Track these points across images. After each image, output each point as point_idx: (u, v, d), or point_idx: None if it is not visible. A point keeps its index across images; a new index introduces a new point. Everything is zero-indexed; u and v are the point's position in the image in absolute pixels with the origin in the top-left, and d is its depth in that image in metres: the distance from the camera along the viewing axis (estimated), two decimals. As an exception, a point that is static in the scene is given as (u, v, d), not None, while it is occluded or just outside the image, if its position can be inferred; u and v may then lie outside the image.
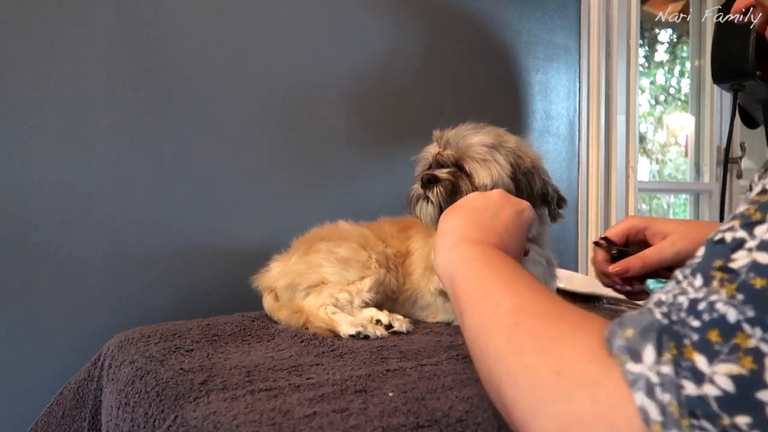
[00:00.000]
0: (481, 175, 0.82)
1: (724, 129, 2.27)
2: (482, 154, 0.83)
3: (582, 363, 0.35)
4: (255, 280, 0.99)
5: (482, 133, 0.85)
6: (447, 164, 0.86)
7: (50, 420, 0.90)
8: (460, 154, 0.84)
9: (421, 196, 0.85)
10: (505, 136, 0.87)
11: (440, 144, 0.87)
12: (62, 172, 1.02)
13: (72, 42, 1.02)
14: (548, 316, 0.41)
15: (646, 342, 0.33)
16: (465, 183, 0.83)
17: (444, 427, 0.51)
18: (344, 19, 1.33)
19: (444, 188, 0.83)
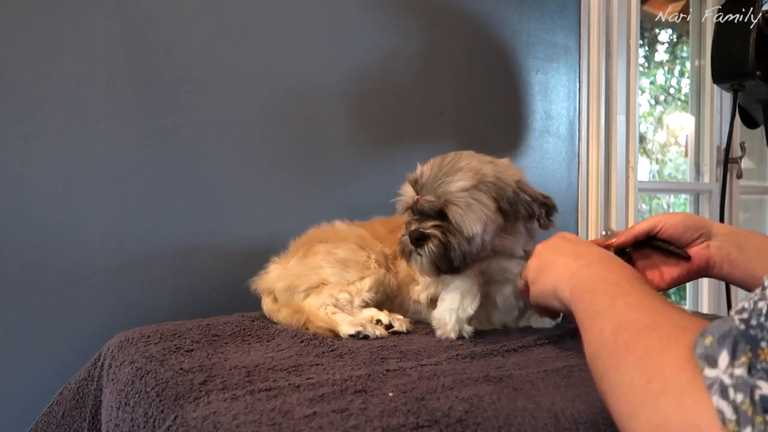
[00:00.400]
0: (469, 224, 0.80)
1: (724, 129, 2.27)
2: (464, 198, 0.80)
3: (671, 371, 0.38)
4: (253, 283, 0.99)
5: (460, 175, 0.81)
6: (429, 213, 0.82)
7: (50, 420, 0.90)
8: (442, 202, 0.81)
9: (413, 251, 0.83)
10: (483, 169, 0.82)
11: (416, 189, 0.84)
12: (62, 172, 1.02)
13: (72, 42, 1.02)
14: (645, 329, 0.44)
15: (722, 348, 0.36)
16: (454, 236, 0.80)
17: (444, 427, 0.51)
18: (344, 19, 1.33)
19: (434, 246, 0.80)
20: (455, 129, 1.52)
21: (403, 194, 0.87)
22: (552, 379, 0.63)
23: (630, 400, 0.40)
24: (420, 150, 1.46)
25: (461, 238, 0.80)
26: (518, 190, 0.83)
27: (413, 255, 0.83)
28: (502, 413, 0.54)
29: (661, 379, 0.39)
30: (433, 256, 0.81)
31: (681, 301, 2.73)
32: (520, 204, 0.83)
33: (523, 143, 1.67)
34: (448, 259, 0.80)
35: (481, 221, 0.80)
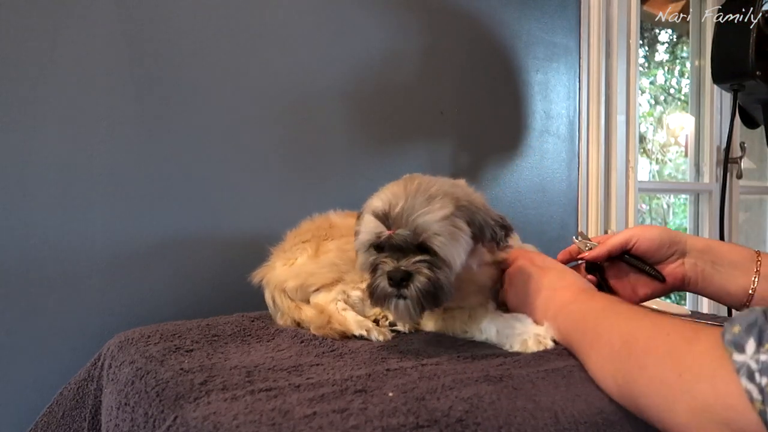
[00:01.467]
0: (456, 254, 0.73)
1: (724, 129, 2.27)
2: (447, 228, 0.72)
3: (698, 362, 0.43)
4: (256, 275, 0.97)
5: (438, 203, 0.73)
6: (407, 248, 0.73)
7: (50, 420, 0.90)
8: (423, 236, 0.72)
9: (392, 294, 0.73)
10: (455, 192, 0.76)
11: (386, 223, 0.73)
12: (62, 171, 1.02)
13: (72, 42, 1.02)
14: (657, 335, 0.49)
15: (749, 335, 0.40)
16: (442, 271, 0.72)
17: (444, 427, 0.51)
18: (344, 19, 1.33)
19: (422, 285, 0.71)
20: (455, 129, 1.52)
21: (366, 230, 0.76)
22: (552, 379, 0.63)
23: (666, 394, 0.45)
24: (420, 150, 1.46)
25: (449, 271, 0.73)
26: (486, 214, 0.78)
27: (390, 300, 0.73)
28: (502, 413, 0.54)
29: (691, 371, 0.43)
30: (421, 296, 0.72)
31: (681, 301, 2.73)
32: (486, 228, 0.77)
33: (523, 143, 1.67)
34: (435, 297, 0.72)
35: (464, 249, 0.74)
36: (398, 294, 0.73)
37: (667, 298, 3.13)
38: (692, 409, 0.43)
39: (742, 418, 0.39)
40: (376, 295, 0.75)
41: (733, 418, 0.40)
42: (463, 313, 0.85)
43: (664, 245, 0.81)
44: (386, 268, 0.73)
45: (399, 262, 0.73)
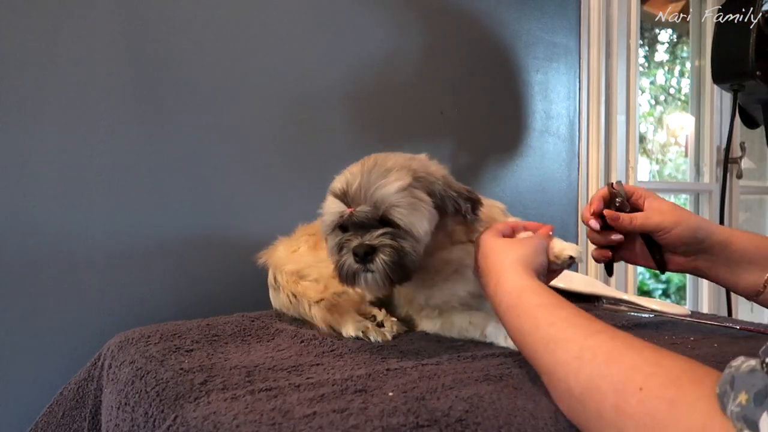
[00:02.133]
0: (418, 223, 0.73)
1: (724, 129, 2.27)
2: (406, 198, 0.73)
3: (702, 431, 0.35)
4: (260, 256, 0.99)
5: (394, 175, 0.74)
6: (370, 223, 0.74)
7: (50, 420, 0.90)
8: (383, 209, 0.73)
9: (359, 270, 0.74)
10: (412, 165, 0.77)
11: (346, 201, 0.75)
12: (62, 171, 1.02)
13: (72, 42, 1.02)
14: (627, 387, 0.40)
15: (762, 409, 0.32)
16: (407, 241, 0.73)
17: (444, 427, 0.51)
18: (344, 19, 1.33)
19: (389, 256, 0.72)
20: (455, 129, 1.52)
21: (328, 211, 0.77)
22: (552, 379, 0.63)
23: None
24: (420, 150, 1.45)
25: (413, 241, 0.74)
26: (446, 186, 0.78)
27: (359, 275, 0.74)
28: (502, 413, 0.54)
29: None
30: (388, 269, 0.72)
31: (681, 301, 2.73)
32: (447, 199, 0.77)
33: (523, 143, 1.67)
34: (403, 266, 0.73)
35: (428, 219, 0.75)
36: (365, 269, 0.73)
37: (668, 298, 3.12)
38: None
39: None
40: (344, 273, 0.75)
41: None
42: (462, 318, 0.85)
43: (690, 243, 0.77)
44: (351, 245, 0.74)
45: (363, 238, 0.73)
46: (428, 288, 0.84)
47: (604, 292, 1.21)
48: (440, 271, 0.83)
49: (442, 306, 0.85)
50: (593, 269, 1.81)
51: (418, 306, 0.88)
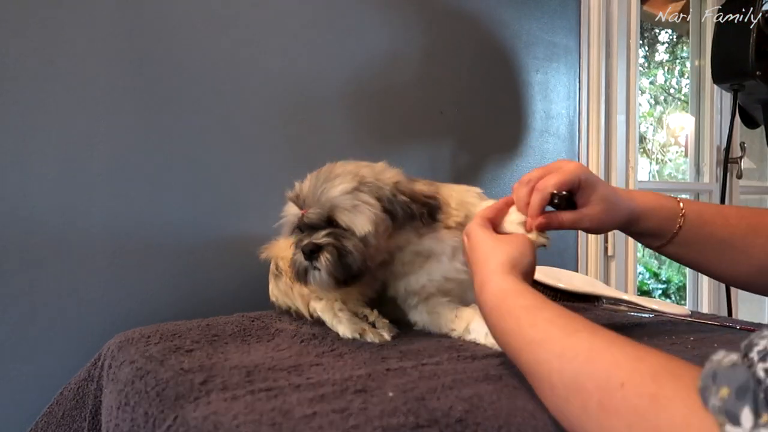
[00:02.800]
0: (360, 224, 0.78)
1: (724, 129, 2.27)
2: (350, 202, 0.78)
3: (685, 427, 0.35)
4: (262, 250, 1.00)
5: (339, 180, 0.80)
6: (318, 225, 0.80)
7: (50, 420, 0.90)
8: (328, 210, 0.79)
9: (308, 267, 0.79)
10: (361, 170, 0.82)
11: (299, 204, 0.82)
12: (62, 171, 1.02)
13: (72, 41, 1.02)
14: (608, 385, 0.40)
15: (743, 403, 0.33)
16: (349, 240, 0.78)
17: (444, 427, 0.51)
18: (344, 19, 1.33)
19: (330, 255, 0.78)
20: (455, 129, 1.52)
21: (287, 214, 0.84)
22: (552, 379, 0.63)
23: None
24: (420, 150, 1.46)
25: (356, 240, 0.78)
26: (395, 191, 0.81)
27: (309, 272, 0.80)
28: (502, 413, 0.54)
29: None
30: (330, 266, 0.77)
31: (681, 301, 2.74)
32: (396, 204, 0.81)
33: (523, 143, 1.67)
34: (345, 265, 0.78)
35: (371, 221, 0.78)
36: (312, 266, 0.79)
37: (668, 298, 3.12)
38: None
39: None
40: (296, 271, 0.81)
41: None
42: (450, 310, 0.86)
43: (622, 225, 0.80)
44: (300, 244, 0.80)
45: (311, 237, 0.79)
46: (404, 277, 0.86)
47: (604, 292, 1.21)
48: (412, 263, 0.86)
49: (421, 292, 0.86)
50: (593, 269, 1.81)
51: (402, 296, 0.88)
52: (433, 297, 0.87)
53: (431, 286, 0.86)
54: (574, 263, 1.80)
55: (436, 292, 0.86)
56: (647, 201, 0.80)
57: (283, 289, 0.96)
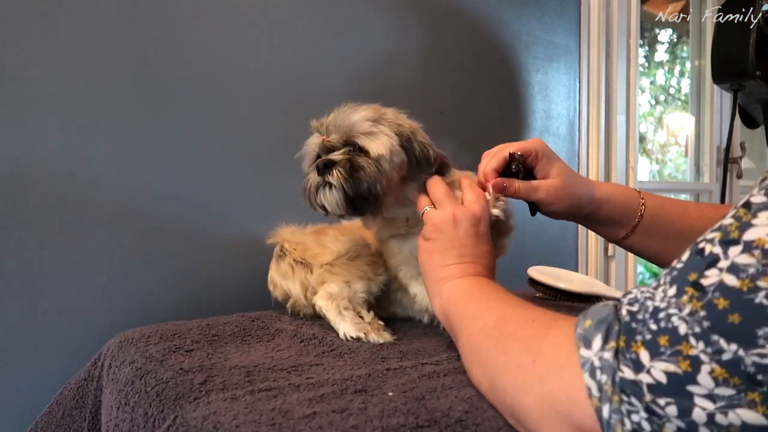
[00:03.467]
0: (375, 146, 0.80)
1: (724, 129, 2.27)
2: (368, 127, 0.81)
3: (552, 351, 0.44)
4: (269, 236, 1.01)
5: (361, 110, 0.83)
6: (337, 148, 0.82)
7: (50, 420, 0.90)
8: (347, 135, 0.82)
9: (320, 184, 0.81)
10: (383, 109, 0.86)
11: (322, 132, 0.85)
12: (62, 171, 1.02)
13: (72, 40, 1.02)
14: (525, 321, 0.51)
15: (598, 331, 0.41)
16: (363, 158, 0.80)
17: (444, 428, 0.51)
18: (344, 19, 1.33)
19: (343, 167, 0.79)
20: (455, 129, 1.52)
21: (308, 143, 0.87)
22: (552, 379, 0.63)
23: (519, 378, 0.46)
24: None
25: (369, 159, 0.80)
26: (414, 131, 0.85)
27: (320, 190, 0.81)
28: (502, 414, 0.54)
29: (544, 360, 0.44)
30: (342, 179, 0.78)
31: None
32: (415, 143, 0.83)
33: (523, 143, 1.66)
34: (357, 180, 0.78)
35: (386, 146, 0.80)
36: (324, 182, 0.80)
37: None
38: (539, 396, 0.43)
39: (581, 412, 0.39)
40: (307, 191, 0.83)
41: (573, 411, 0.40)
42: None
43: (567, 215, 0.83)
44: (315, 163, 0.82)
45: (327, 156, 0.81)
46: (408, 239, 0.87)
47: (604, 292, 1.21)
48: (413, 219, 0.87)
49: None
50: (593, 269, 1.81)
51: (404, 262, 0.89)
52: None
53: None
54: (574, 263, 1.80)
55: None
56: (608, 188, 0.85)
57: (283, 271, 0.97)
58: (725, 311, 0.35)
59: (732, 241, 0.37)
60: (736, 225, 0.37)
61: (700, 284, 0.37)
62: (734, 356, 0.34)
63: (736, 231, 0.37)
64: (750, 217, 0.37)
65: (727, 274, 0.36)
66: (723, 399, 0.35)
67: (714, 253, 0.37)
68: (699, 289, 0.37)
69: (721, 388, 0.35)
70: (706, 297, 0.36)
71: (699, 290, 0.37)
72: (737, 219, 0.38)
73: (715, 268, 0.37)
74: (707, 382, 0.35)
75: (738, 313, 0.35)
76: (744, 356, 0.34)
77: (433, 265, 0.72)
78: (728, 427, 0.35)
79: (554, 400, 0.42)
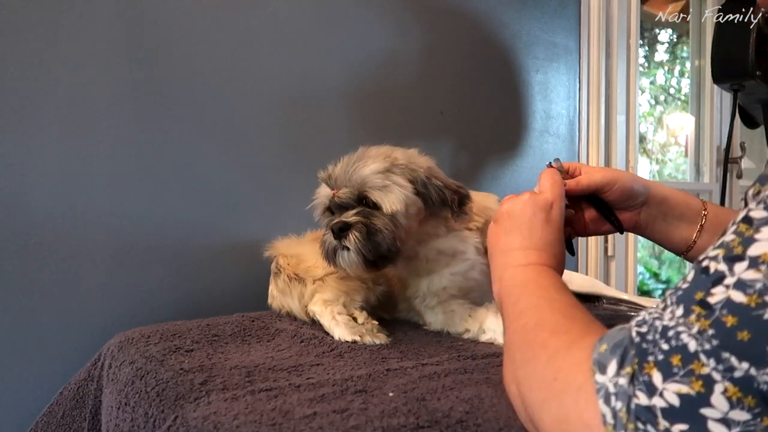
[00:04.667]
0: (389, 202, 0.78)
1: (724, 129, 2.27)
2: (380, 182, 0.79)
3: (572, 372, 0.43)
4: (267, 248, 1.00)
5: (371, 161, 0.80)
6: (349, 204, 0.80)
7: (50, 420, 0.90)
8: (359, 189, 0.80)
9: (337, 247, 0.79)
10: (393, 153, 0.83)
11: (331, 185, 0.82)
12: (62, 171, 1.02)
13: (72, 42, 1.02)
14: (558, 330, 0.49)
15: (613, 356, 0.40)
16: (378, 218, 0.78)
17: (444, 428, 0.51)
18: (344, 19, 1.33)
19: (359, 232, 0.77)
20: (455, 129, 1.52)
21: (318, 195, 0.85)
22: (552, 380, 0.63)
23: (541, 392, 0.45)
24: (420, 150, 1.45)
25: (385, 219, 0.78)
26: (429, 175, 0.82)
27: (338, 252, 0.80)
28: (502, 414, 0.54)
29: (564, 378, 0.43)
30: (360, 245, 0.77)
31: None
32: (431, 187, 0.81)
33: (523, 143, 1.67)
34: (374, 243, 0.77)
35: (401, 201, 0.78)
36: (341, 245, 0.79)
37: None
38: (557, 418, 0.42)
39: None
40: (325, 252, 0.81)
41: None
42: (464, 309, 0.86)
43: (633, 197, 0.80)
44: (330, 224, 0.80)
45: (341, 216, 0.80)
46: (427, 275, 0.87)
47: (604, 292, 1.21)
48: (436, 261, 0.86)
49: (442, 293, 0.87)
50: (593, 269, 1.81)
51: (422, 296, 0.88)
52: (452, 299, 0.87)
53: (453, 287, 0.86)
54: (574, 263, 1.80)
55: (457, 293, 0.87)
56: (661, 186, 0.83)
57: (281, 288, 0.96)
58: (734, 328, 0.34)
59: (737, 257, 0.36)
60: (739, 240, 0.37)
61: (707, 302, 0.36)
62: (746, 374, 0.34)
63: (739, 247, 0.36)
64: (753, 232, 0.36)
65: (734, 291, 0.35)
66: (738, 425, 0.34)
67: (719, 270, 0.37)
68: (706, 307, 0.36)
69: (735, 411, 0.34)
70: (713, 315, 0.35)
71: (706, 308, 0.36)
72: (739, 235, 0.37)
73: (722, 285, 0.36)
74: (721, 403, 0.34)
75: (747, 330, 0.34)
76: (756, 375, 0.33)
77: (497, 249, 0.69)
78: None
79: (570, 424, 0.41)
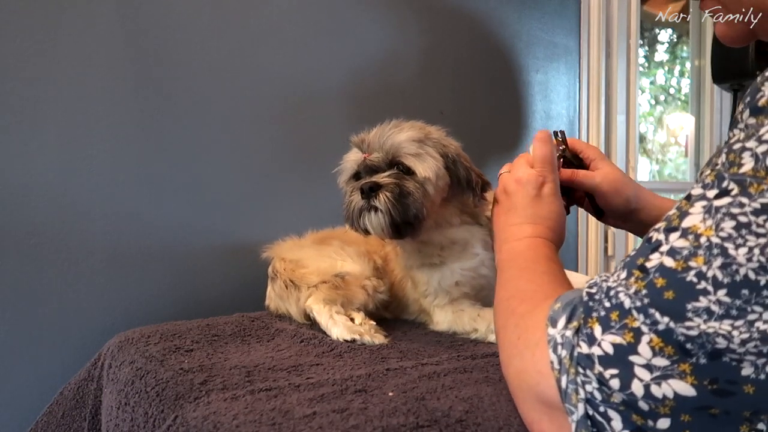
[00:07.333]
0: (422, 169, 0.79)
1: (724, 129, 2.27)
2: (415, 149, 0.79)
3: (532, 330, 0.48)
4: (265, 250, 1.00)
5: (407, 129, 0.81)
6: (380, 168, 0.80)
7: (50, 420, 0.90)
8: (392, 155, 0.79)
9: (364, 207, 0.78)
10: (427, 128, 0.84)
11: (363, 149, 0.82)
12: (62, 172, 1.02)
13: (72, 42, 1.02)
14: (527, 296, 0.54)
15: (564, 313, 0.45)
16: (410, 182, 0.78)
17: (444, 428, 0.51)
18: (344, 19, 1.33)
19: (391, 192, 0.77)
20: (455, 129, 1.51)
21: (347, 159, 0.84)
22: (552, 379, 0.63)
23: (508, 352, 0.50)
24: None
25: (417, 183, 0.78)
26: (459, 154, 0.84)
27: (364, 214, 0.79)
28: (502, 414, 0.54)
29: (525, 337, 0.48)
30: (390, 206, 0.76)
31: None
32: (459, 165, 0.82)
33: (523, 143, 1.66)
34: (405, 206, 0.77)
35: (433, 170, 0.79)
36: (369, 206, 0.78)
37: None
38: (517, 370, 0.48)
39: (546, 384, 0.44)
40: (350, 212, 0.80)
41: (540, 383, 0.44)
42: (473, 309, 0.86)
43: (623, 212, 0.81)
44: (359, 184, 0.79)
45: (371, 178, 0.79)
46: (439, 269, 0.86)
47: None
48: (448, 249, 0.86)
49: (453, 291, 0.87)
50: (593, 269, 1.81)
51: (434, 292, 0.88)
52: (463, 299, 0.87)
53: (464, 283, 0.86)
54: (574, 263, 1.80)
55: (469, 290, 0.87)
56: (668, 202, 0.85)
57: (278, 292, 0.95)
58: (662, 288, 0.39)
59: (673, 228, 0.41)
60: (678, 214, 0.41)
61: (644, 266, 0.41)
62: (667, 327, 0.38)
63: (677, 219, 0.41)
64: (688, 207, 0.41)
65: (666, 257, 0.40)
66: (658, 369, 0.38)
67: (658, 239, 0.41)
68: (644, 270, 0.41)
69: (657, 358, 0.38)
70: (648, 277, 0.40)
71: (643, 272, 0.41)
72: (679, 209, 0.42)
73: (658, 252, 0.41)
74: (646, 351, 0.39)
75: (672, 290, 0.39)
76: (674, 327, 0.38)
77: (499, 227, 0.71)
78: (663, 399, 0.38)
79: (526, 374, 0.46)
